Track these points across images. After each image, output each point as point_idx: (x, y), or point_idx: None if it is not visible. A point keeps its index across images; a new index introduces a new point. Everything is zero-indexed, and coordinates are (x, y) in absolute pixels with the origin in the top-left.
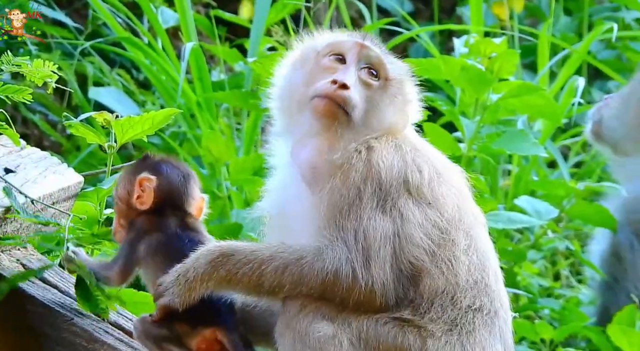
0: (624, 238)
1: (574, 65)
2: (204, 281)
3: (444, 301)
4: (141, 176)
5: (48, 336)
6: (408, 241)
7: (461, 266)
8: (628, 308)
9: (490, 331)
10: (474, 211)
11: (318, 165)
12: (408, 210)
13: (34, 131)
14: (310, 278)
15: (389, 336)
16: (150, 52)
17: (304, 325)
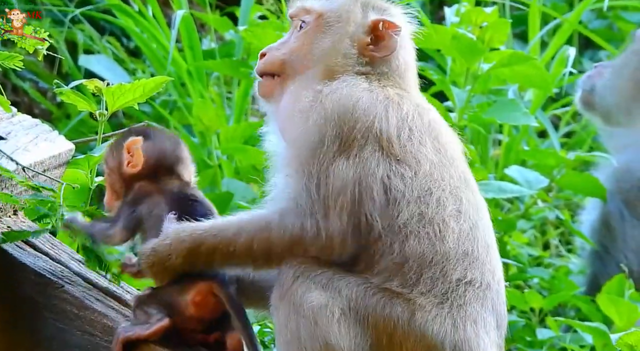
0: (614, 207)
1: (565, 35)
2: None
3: (434, 273)
4: (128, 140)
5: (38, 304)
6: (364, 192)
7: (450, 232)
8: (617, 277)
9: (482, 304)
10: (463, 174)
11: (288, 118)
12: (373, 160)
13: (24, 99)
14: (279, 240)
15: (377, 306)
16: (141, 20)
17: (298, 296)
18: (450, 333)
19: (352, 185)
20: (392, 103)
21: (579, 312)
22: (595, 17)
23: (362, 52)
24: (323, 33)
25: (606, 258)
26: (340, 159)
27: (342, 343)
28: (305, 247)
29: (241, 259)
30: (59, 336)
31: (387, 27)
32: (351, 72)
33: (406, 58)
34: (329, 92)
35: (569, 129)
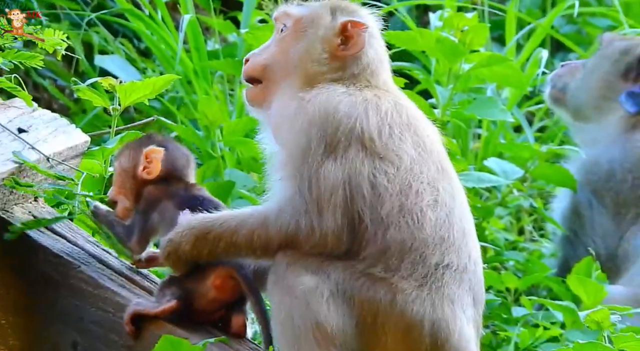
0: (583, 197)
1: (539, 39)
2: (193, 258)
3: (414, 258)
4: (148, 148)
5: (57, 283)
6: (355, 191)
7: (427, 220)
8: (585, 260)
9: (459, 285)
10: (441, 165)
11: (277, 124)
12: (358, 160)
13: (44, 95)
14: (276, 235)
15: (362, 289)
16: (151, 23)
17: (290, 281)
18: (429, 312)
19: (343, 184)
20: (371, 104)
21: (551, 292)
22: (565, 22)
23: (334, 54)
24: (298, 38)
25: (576, 243)
26: (328, 161)
27: (331, 322)
28: (300, 243)
29: (242, 249)
30: (74, 312)
31: (354, 26)
32: (328, 79)
33: (376, 55)
34: (311, 99)
35: (542, 124)
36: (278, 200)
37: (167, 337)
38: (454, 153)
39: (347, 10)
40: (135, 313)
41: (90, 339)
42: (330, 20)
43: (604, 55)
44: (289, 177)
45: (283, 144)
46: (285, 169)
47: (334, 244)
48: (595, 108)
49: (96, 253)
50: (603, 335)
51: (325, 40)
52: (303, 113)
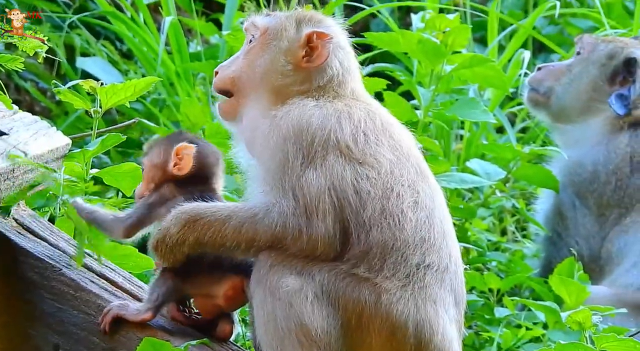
0: (567, 198)
1: (521, 40)
2: (180, 247)
3: (396, 258)
4: (180, 145)
5: (38, 285)
6: (342, 197)
7: (407, 221)
8: (567, 260)
9: (440, 285)
10: (419, 167)
11: (251, 139)
12: (339, 166)
13: (26, 97)
14: (263, 233)
15: (347, 290)
16: (133, 25)
17: (274, 281)
18: (413, 313)
19: (328, 191)
20: (343, 114)
21: (533, 292)
22: (547, 23)
23: (299, 66)
24: (264, 50)
25: (559, 244)
26: (308, 170)
27: (316, 323)
28: (286, 244)
29: (228, 241)
30: (56, 314)
31: (319, 37)
32: (295, 92)
33: (342, 66)
34: (283, 115)
35: (524, 125)
36: (267, 200)
37: (149, 339)
38: (437, 154)
39: (313, 21)
40: (116, 316)
41: (71, 342)
42: (295, 32)
43: (590, 60)
44: (271, 189)
45: (259, 160)
46: (266, 183)
47: (324, 250)
48: (581, 110)
49: None
50: (585, 335)
51: (289, 52)
52: (276, 130)
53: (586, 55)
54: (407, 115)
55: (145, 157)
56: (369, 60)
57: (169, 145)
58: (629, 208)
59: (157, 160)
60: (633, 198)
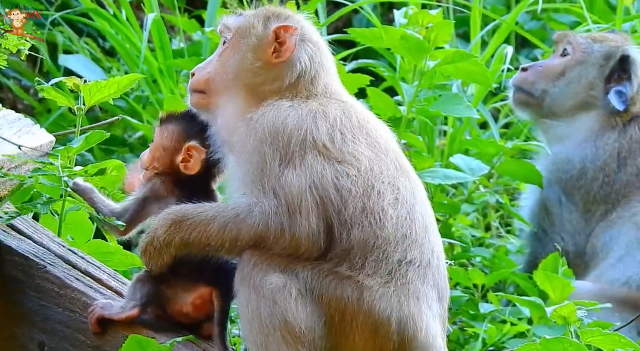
0: (553, 194)
1: (503, 35)
2: (167, 248)
3: (378, 256)
4: (193, 144)
5: (22, 283)
6: (323, 195)
7: (388, 219)
8: (552, 255)
9: (423, 281)
10: (398, 163)
11: (228, 142)
12: (318, 165)
13: (8, 95)
14: (246, 233)
15: (330, 287)
16: (115, 22)
17: (257, 279)
18: (396, 310)
19: (309, 189)
20: (318, 114)
21: (518, 288)
22: (530, 18)
23: (269, 62)
24: (235, 50)
25: (544, 240)
26: (287, 170)
27: (300, 320)
28: (269, 243)
29: (214, 241)
30: (41, 312)
31: (286, 31)
32: (268, 91)
33: (312, 60)
34: (258, 118)
35: (508, 121)
36: (249, 200)
37: (135, 337)
38: (420, 150)
39: (281, 17)
40: (100, 317)
41: (57, 339)
42: (263, 29)
43: (589, 63)
44: (251, 191)
45: (238, 163)
46: (245, 185)
47: (308, 248)
48: (573, 108)
49: (62, 253)
50: (570, 330)
51: (259, 49)
52: (253, 134)
53: (579, 56)
54: (390, 111)
55: (158, 128)
56: (351, 56)
57: (184, 134)
58: (615, 204)
59: (167, 144)
60: (619, 193)
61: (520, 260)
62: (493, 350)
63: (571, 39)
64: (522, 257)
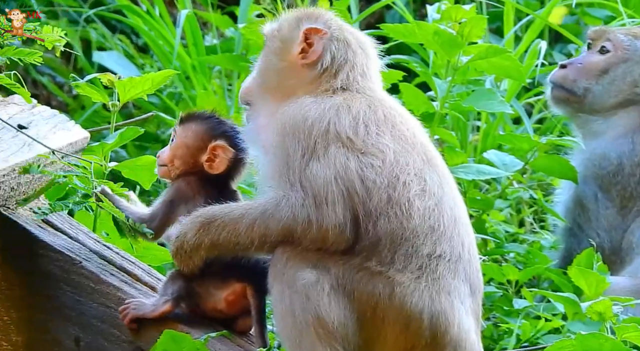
0: (589, 190)
1: (537, 30)
2: (197, 251)
3: (407, 250)
4: (219, 143)
5: (58, 278)
6: (349, 185)
7: (415, 210)
8: (587, 251)
9: (454, 275)
10: (426, 156)
11: (259, 141)
12: (341, 156)
13: (43, 92)
14: (274, 227)
15: (361, 282)
16: (149, 19)
17: (290, 275)
18: (428, 305)
19: (334, 180)
20: (341, 107)
21: (552, 284)
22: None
23: (295, 64)
24: (267, 55)
25: (580, 236)
26: (312, 162)
27: (332, 315)
28: (297, 236)
29: (243, 239)
30: (76, 307)
31: (315, 33)
32: (296, 91)
33: (337, 58)
34: (280, 114)
35: (541, 116)
36: (275, 195)
37: (169, 332)
38: (453, 145)
39: (312, 18)
40: (133, 318)
41: (92, 334)
42: (294, 31)
43: (634, 60)
44: (278, 184)
45: (266, 159)
46: (272, 179)
47: (335, 240)
48: (615, 105)
49: (97, 248)
50: (605, 326)
51: (285, 50)
52: (276, 128)
53: (621, 53)
54: (423, 106)
55: (180, 127)
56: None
57: (209, 133)
58: None
59: (191, 143)
60: None
61: (555, 256)
62: (527, 346)
63: (611, 36)
64: (556, 253)
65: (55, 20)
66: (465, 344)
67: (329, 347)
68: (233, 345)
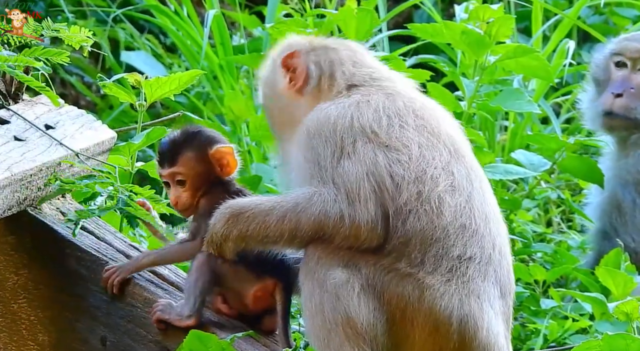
0: (628, 194)
1: (565, 29)
2: (226, 243)
3: (437, 251)
4: (215, 148)
5: (85, 278)
6: (380, 181)
7: (446, 207)
8: (614, 251)
9: (484, 278)
10: (453, 147)
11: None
12: (369, 152)
13: (71, 91)
14: (306, 222)
15: (391, 284)
16: (177, 19)
17: (322, 274)
18: (457, 308)
19: (366, 176)
20: (360, 103)
21: (580, 284)
22: (592, 13)
23: (291, 93)
24: (265, 104)
25: (613, 239)
26: (342, 160)
27: (362, 316)
28: (328, 232)
29: (272, 232)
30: (103, 307)
31: (289, 58)
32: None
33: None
34: (304, 122)
35: (569, 116)
36: (309, 190)
37: (195, 332)
38: (481, 145)
39: (282, 49)
40: (159, 320)
41: (118, 334)
42: (272, 70)
43: None
44: (310, 182)
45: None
46: (305, 181)
47: (368, 236)
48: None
49: (124, 249)
50: (632, 326)
51: (277, 90)
52: (301, 134)
53: None
54: (451, 106)
55: (177, 167)
56: (412, 51)
57: (202, 149)
58: None
59: (199, 168)
60: None
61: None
62: (554, 346)
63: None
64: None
65: (84, 20)
66: (494, 348)
67: (357, 347)
68: (259, 345)
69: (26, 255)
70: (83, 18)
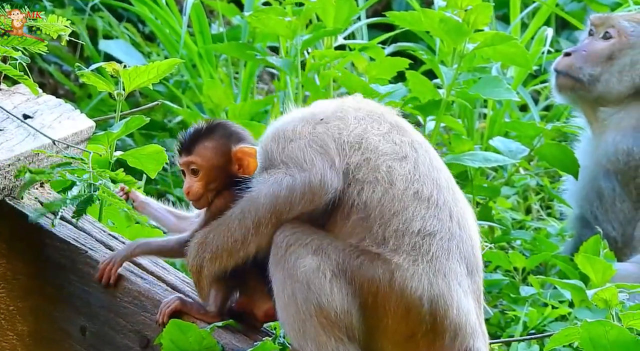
0: (608, 182)
1: (544, 17)
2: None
3: (397, 226)
4: (239, 147)
5: (64, 268)
6: (322, 144)
7: (396, 176)
8: (593, 238)
9: (448, 255)
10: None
11: None
12: (309, 127)
13: (49, 80)
14: (262, 204)
15: (361, 268)
16: (155, 7)
17: (291, 262)
18: (427, 289)
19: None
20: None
21: (559, 271)
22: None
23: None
24: None
25: (593, 226)
26: (287, 145)
27: (335, 304)
28: (287, 205)
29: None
30: (83, 297)
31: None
32: None
33: None
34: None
35: (548, 103)
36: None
37: (175, 321)
38: (460, 133)
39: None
40: (177, 310)
41: (98, 323)
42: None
43: (638, 46)
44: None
45: None
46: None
47: (323, 186)
48: (625, 95)
49: (103, 238)
50: (611, 313)
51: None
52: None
53: (626, 40)
54: (429, 94)
55: (188, 156)
56: (391, 39)
57: (225, 144)
58: None
59: (216, 161)
60: None
61: (563, 244)
62: (534, 333)
63: (614, 22)
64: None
65: (62, 8)
66: (465, 326)
67: (333, 336)
68: (239, 334)
69: (5, 244)
70: (61, 7)
